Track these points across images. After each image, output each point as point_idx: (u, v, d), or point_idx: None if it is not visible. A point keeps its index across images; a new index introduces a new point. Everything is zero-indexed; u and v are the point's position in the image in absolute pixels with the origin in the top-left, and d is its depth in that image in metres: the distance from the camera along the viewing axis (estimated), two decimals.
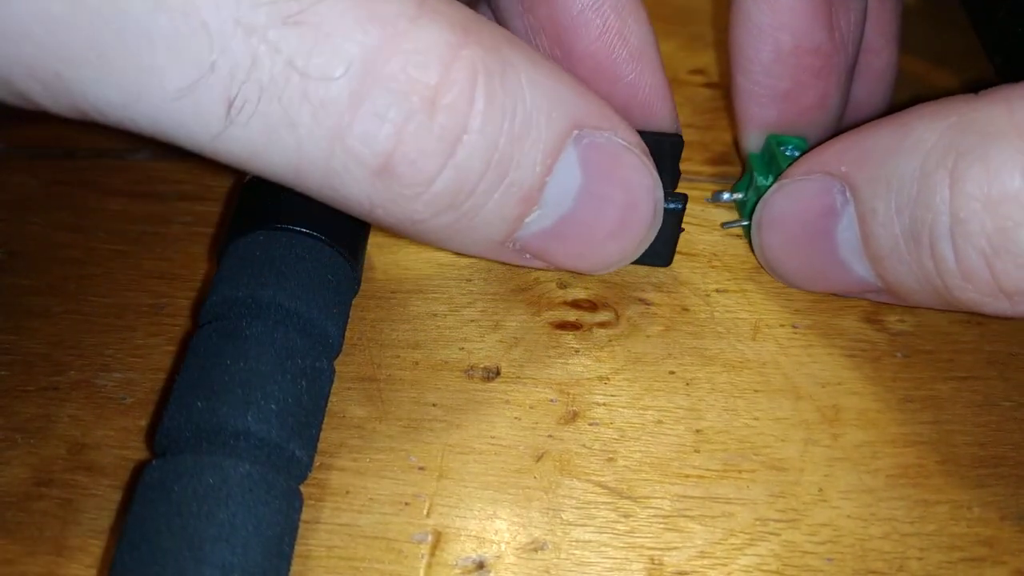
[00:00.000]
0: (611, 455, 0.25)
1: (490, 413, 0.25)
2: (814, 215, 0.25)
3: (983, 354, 0.27)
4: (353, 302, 0.28)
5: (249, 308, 0.23)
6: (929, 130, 0.22)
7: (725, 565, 0.23)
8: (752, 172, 0.30)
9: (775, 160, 0.29)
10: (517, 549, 0.23)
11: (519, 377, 0.26)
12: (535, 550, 0.23)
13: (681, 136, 0.29)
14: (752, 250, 0.29)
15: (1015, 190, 0.20)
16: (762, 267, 0.29)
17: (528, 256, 0.25)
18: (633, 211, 0.24)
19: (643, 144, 0.25)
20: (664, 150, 0.28)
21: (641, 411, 0.26)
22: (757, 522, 0.23)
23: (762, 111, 0.30)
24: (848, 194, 0.24)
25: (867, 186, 0.23)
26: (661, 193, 0.25)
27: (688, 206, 0.27)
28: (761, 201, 0.27)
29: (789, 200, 0.26)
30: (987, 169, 0.20)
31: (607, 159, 0.23)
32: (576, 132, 0.22)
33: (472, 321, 0.28)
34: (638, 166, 0.24)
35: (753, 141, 0.31)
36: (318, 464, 0.24)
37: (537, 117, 0.21)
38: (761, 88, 0.29)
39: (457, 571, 0.22)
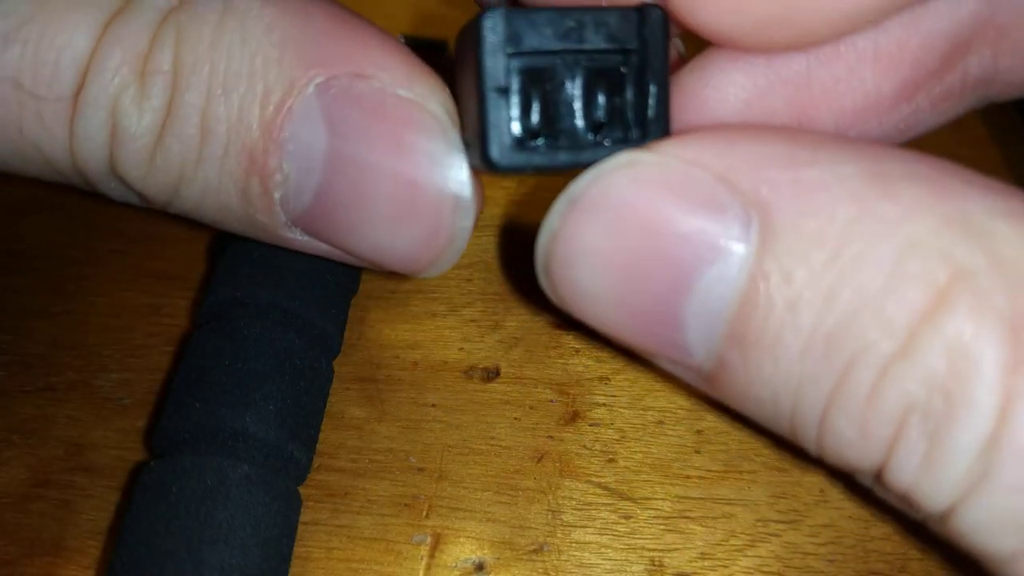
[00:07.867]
0: (611, 456, 0.25)
1: (490, 414, 0.25)
2: (680, 236, 0.16)
3: None
4: (352, 302, 0.27)
5: (247, 308, 0.23)
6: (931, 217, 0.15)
7: (726, 567, 0.22)
8: None
9: None
10: (517, 551, 0.23)
11: (519, 377, 0.26)
12: (535, 551, 0.23)
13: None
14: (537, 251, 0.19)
15: None
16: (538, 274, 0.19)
17: (324, 247, 0.20)
18: (413, 188, 0.18)
19: (447, 101, 0.18)
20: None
21: (642, 412, 0.26)
22: (758, 523, 0.23)
23: None
24: (754, 231, 0.15)
25: (794, 237, 0.15)
26: (464, 173, 0.18)
27: None
28: (587, 174, 0.17)
29: (644, 191, 0.16)
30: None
31: (364, 113, 0.18)
32: (319, 79, 0.17)
33: (472, 321, 0.28)
34: (421, 125, 0.18)
35: None
36: (317, 465, 0.24)
37: (257, 63, 0.18)
38: None
39: (456, 573, 0.22)
